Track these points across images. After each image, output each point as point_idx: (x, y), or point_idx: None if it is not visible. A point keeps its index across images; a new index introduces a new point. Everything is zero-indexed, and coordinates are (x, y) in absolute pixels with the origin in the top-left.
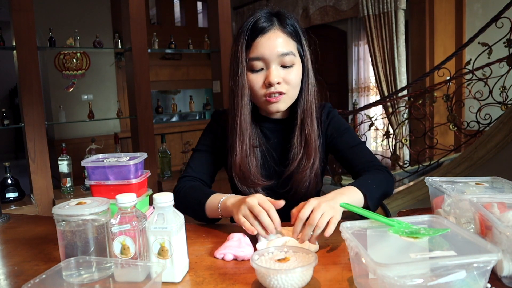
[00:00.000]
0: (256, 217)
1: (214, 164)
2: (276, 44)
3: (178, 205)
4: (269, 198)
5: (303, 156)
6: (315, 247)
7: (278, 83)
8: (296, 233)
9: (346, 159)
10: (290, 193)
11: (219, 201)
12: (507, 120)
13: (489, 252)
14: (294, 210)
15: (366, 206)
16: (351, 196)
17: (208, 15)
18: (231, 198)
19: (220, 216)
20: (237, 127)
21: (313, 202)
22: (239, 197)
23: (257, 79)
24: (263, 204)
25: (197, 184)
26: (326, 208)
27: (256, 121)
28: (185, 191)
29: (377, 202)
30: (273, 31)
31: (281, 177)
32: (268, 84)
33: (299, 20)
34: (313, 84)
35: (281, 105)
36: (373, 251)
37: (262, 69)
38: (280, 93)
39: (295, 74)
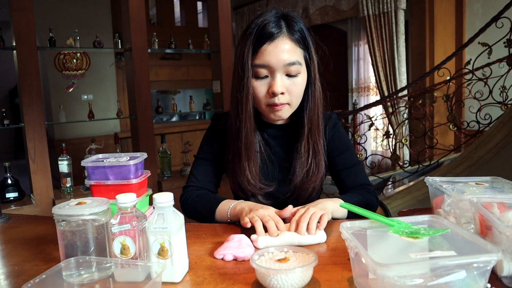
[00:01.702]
0: (261, 220)
1: (217, 171)
2: (283, 52)
3: (187, 213)
4: (277, 210)
5: (311, 165)
6: (322, 237)
7: (282, 93)
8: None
9: (340, 177)
10: (292, 198)
11: (229, 207)
12: (507, 120)
13: (489, 252)
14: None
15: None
16: (335, 202)
17: (208, 15)
18: (241, 203)
19: (228, 221)
20: (242, 134)
21: (301, 209)
22: (250, 203)
23: (261, 87)
24: (273, 217)
25: (203, 192)
26: (314, 209)
27: (259, 127)
28: (193, 199)
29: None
30: (281, 38)
31: (284, 183)
32: (272, 94)
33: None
34: (320, 91)
35: (284, 114)
36: (373, 251)
37: (266, 76)
38: (283, 104)
39: (300, 84)
